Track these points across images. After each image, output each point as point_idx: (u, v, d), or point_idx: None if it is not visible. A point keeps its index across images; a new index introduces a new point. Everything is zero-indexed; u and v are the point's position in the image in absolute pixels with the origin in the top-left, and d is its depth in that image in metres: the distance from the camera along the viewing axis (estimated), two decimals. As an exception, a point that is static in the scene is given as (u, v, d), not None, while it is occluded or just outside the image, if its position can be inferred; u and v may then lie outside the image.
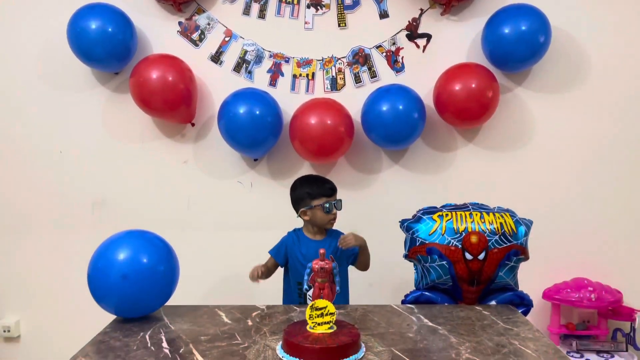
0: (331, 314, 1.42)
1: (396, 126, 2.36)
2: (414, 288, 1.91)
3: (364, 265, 2.14)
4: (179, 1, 2.48)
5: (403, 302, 1.89)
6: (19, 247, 2.70)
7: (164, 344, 1.50)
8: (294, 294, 2.06)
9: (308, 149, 2.42)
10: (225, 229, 2.66)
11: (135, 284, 1.62)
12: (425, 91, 2.52)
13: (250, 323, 1.66)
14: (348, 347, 1.36)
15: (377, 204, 2.57)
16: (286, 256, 2.10)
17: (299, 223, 2.14)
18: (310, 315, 1.41)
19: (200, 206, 2.66)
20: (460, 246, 1.77)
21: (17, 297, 2.71)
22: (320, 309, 1.42)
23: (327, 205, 1.98)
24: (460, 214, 1.82)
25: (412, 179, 2.59)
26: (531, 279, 2.10)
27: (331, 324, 1.42)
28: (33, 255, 2.70)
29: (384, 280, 2.58)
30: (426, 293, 1.86)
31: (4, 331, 2.66)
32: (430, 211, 1.87)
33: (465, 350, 1.44)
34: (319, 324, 1.42)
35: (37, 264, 2.70)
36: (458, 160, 2.58)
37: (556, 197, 2.56)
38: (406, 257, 1.89)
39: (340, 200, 2.03)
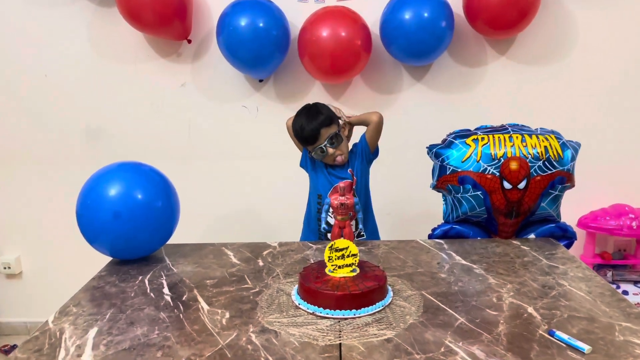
0: (353, 255, 1.23)
1: (421, 37, 2.06)
2: (443, 221, 1.71)
3: (372, 125, 1.75)
4: None
5: (430, 236, 1.70)
6: (13, 181, 2.52)
7: (165, 290, 1.33)
8: (312, 206, 1.79)
9: (319, 66, 2.14)
10: (230, 158, 2.45)
11: (129, 222, 1.43)
12: (453, -4, 2.19)
13: (261, 263, 1.49)
14: (373, 293, 1.18)
15: (397, 128, 2.31)
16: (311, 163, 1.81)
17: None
18: (329, 257, 1.23)
19: (202, 133, 2.43)
20: (498, 174, 1.55)
21: (15, 232, 2.57)
22: (341, 250, 1.23)
23: (314, 154, 1.72)
24: (498, 137, 1.58)
25: (436, 99, 2.32)
26: (565, 206, 1.89)
27: (353, 266, 1.24)
28: (28, 189, 2.53)
29: (406, 212, 2.39)
30: (456, 226, 1.66)
31: (4, 268, 2.54)
32: (463, 135, 1.63)
33: (508, 293, 1.26)
34: (339, 267, 1.23)
35: (32, 198, 2.54)
36: (489, 76, 2.30)
37: (597, 117, 2.29)
38: (434, 187, 1.68)
39: (333, 135, 1.68)
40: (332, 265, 1.23)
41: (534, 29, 2.21)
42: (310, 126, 1.67)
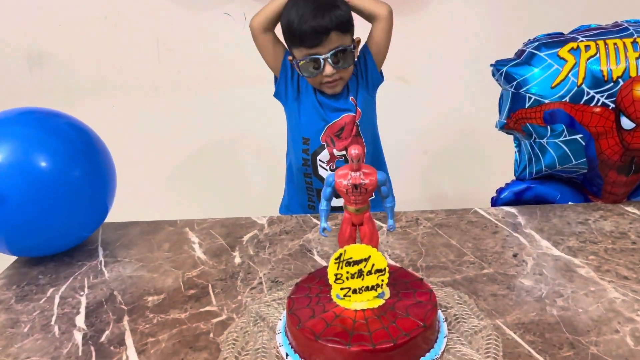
0: (379, 271, 0.70)
1: None
2: (514, 178, 1.14)
3: (381, 24, 1.13)
4: None
5: (495, 202, 1.14)
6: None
7: (80, 318, 0.84)
8: (294, 156, 1.23)
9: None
10: (213, 86, 1.87)
11: (24, 208, 0.91)
12: None
13: (237, 260, 0.97)
14: (416, 342, 0.66)
15: (429, 28, 1.67)
16: (291, 84, 1.19)
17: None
18: (337, 275, 0.70)
19: (174, 54, 1.85)
20: (612, 106, 0.96)
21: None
22: (357, 262, 0.69)
23: (303, 63, 1.09)
24: (614, 44, 0.96)
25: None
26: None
27: (380, 289, 0.71)
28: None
29: (451, 157, 1.80)
30: (536, 186, 1.10)
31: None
32: (552, 42, 1.02)
33: (651, 327, 0.72)
34: (355, 292, 0.71)
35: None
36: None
37: None
38: (502, 127, 1.09)
39: (344, 49, 1.08)
40: (342, 290, 0.70)
41: None
42: (319, 21, 1.04)
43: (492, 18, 1.67)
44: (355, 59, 1.14)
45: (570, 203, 1.09)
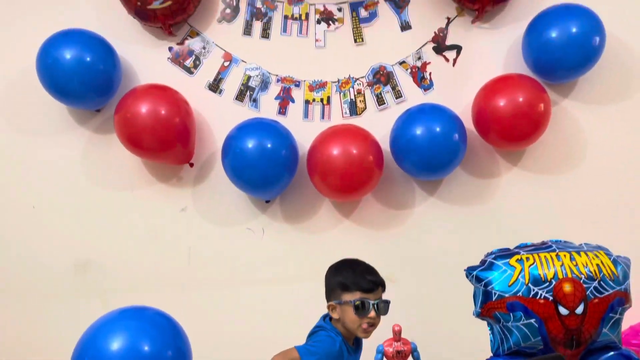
0: (416, 416, 1.02)
1: (434, 151, 1.99)
2: (491, 354, 1.51)
3: None
4: (168, 23, 2.12)
5: (479, 374, 1.48)
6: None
7: None
8: None
9: (331, 184, 2.04)
10: (234, 285, 2.25)
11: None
12: (459, 110, 2.16)
13: None
14: None
15: (413, 245, 2.19)
16: None
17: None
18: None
19: (203, 260, 2.25)
20: (551, 298, 1.39)
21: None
22: (400, 410, 1.01)
23: (359, 303, 1.48)
24: (545, 257, 1.44)
25: (451, 213, 2.21)
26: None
27: None
28: (8, 328, 2.25)
29: (434, 342, 2.15)
30: (510, 360, 1.46)
31: None
32: (504, 255, 1.49)
33: None
34: None
35: (12, 337, 2.25)
36: (503, 188, 2.22)
37: (621, 224, 2.20)
38: (478, 315, 1.49)
39: (387, 303, 1.54)
40: None
41: (543, 138, 2.16)
42: (375, 276, 1.56)
43: (447, 235, 2.20)
44: None
45: (535, 373, 1.44)
